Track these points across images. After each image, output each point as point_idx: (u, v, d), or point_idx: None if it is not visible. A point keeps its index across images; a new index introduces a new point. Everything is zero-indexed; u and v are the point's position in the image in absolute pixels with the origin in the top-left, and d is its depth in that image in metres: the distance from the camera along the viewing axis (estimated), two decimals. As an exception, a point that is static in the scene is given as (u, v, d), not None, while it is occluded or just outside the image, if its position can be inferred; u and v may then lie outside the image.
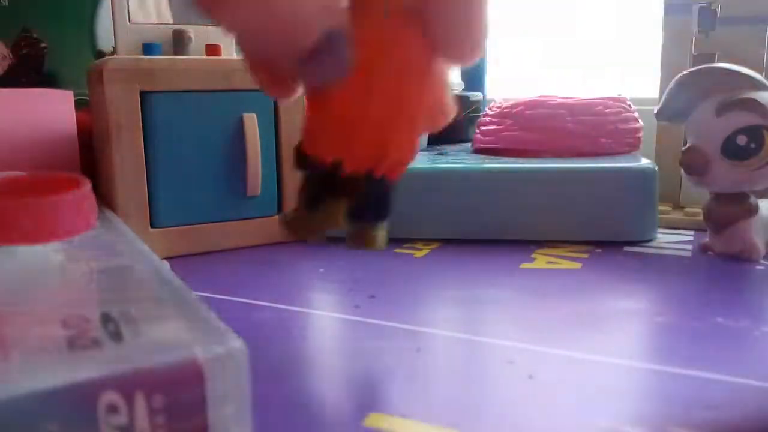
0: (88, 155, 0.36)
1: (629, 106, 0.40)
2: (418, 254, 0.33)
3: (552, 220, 0.35)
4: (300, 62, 0.18)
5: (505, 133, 0.40)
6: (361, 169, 0.21)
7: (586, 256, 0.33)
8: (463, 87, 0.53)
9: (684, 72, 0.32)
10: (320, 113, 0.21)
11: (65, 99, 0.34)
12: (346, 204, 0.22)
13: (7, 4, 0.38)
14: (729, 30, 0.40)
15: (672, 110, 0.33)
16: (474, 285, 0.28)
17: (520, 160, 0.37)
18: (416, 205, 0.36)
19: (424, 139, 0.44)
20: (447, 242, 0.36)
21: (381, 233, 0.23)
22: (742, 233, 0.31)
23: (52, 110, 0.33)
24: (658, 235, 0.36)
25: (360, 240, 0.23)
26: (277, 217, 0.36)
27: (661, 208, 0.38)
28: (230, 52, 0.37)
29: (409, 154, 0.21)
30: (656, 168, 0.35)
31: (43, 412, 0.11)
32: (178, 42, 0.35)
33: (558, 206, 0.35)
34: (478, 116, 0.45)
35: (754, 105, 0.29)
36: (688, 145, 0.32)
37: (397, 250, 0.34)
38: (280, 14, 0.17)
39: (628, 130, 0.39)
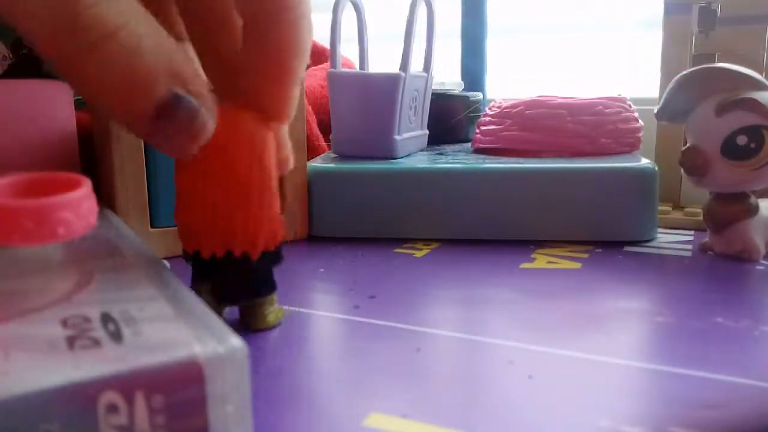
0: (88, 155, 0.36)
1: (629, 106, 0.40)
2: (418, 254, 0.33)
3: (552, 220, 0.35)
4: (149, 124, 0.17)
5: (505, 133, 0.40)
6: (218, 254, 0.22)
7: (586, 256, 0.33)
8: (463, 87, 0.53)
9: (684, 72, 0.32)
10: (176, 207, 0.23)
11: (64, 91, 0.34)
12: (209, 287, 0.23)
13: (7, 4, 0.38)
14: (729, 30, 0.40)
15: (672, 110, 0.33)
16: (474, 285, 0.28)
17: (520, 160, 0.37)
18: (416, 205, 0.36)
19: (424, 139, 0.44)
20: (447, 242, 0.36)
21: (269, 310, 0.24)
22: (742, 233, 0.31)
23: (50, 103, 0.33)
24: (658, 235, 0.36)
25: (247, 318, 0.24)
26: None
27: (661, 208, 0.38)
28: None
29: (261, 235, 0.22)
30: (656, 168, 0.35)
31: (43, 412, 0.11)
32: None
33: (558, 206, 0.35)
34: (478, 116, 0.45)
35: (754, 105, 0.29)
36: (688, 145, 0.32)
37: (397, 250, 0.34)
38: (117, 72, 0.16)
39: (628, 130, 0.39)
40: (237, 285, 0.23)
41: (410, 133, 0.41)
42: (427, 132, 0.44)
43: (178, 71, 0.17)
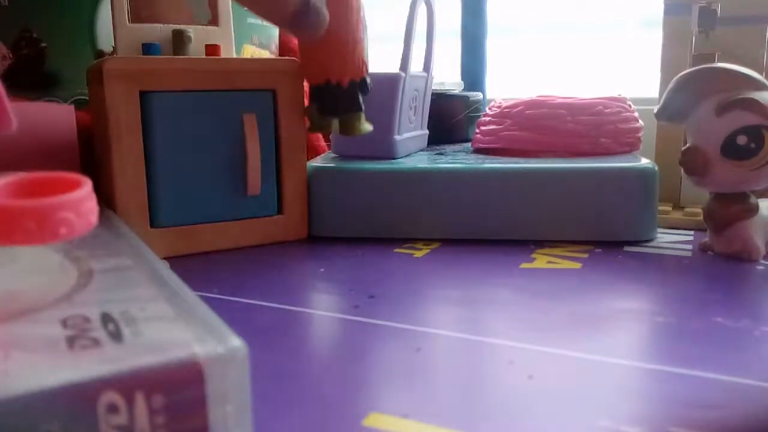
0: (88, 155, 0.36)
1: (629, 106, 0.40)
2: (418, 254, 0.33)
3: (552, 220, 0.35)
4: (287, 25, 0.29)
5: (505, 133, 0.40)
6: (320, 82, 0.33)
7: (586, 256, 0.33)
8: (463, 87, 0.53)
9: (684, 72, 0.32)
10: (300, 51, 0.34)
11: (66, 112, 0.34)
12: (317, 105, 0.34)
13: (7, 4, 0.38)
14: (729, 30, 0.40)
15: (672, 110, 0.33)
16: (474, 285, 0.28)
17: (520, 160, 0.37)
18: (416, 205, 0.36)
19: (424, 139, 0.44)
20: (447, 242, 0.36)
21: (359, 123, 0.34)
22: (742, 233, 0.31)
23: (53, 121, 0.33)
24: (658, 235, 0.36)
25: (344, 127, 0.34)
26: (276, 216, 0.36)
27: (661, 208, 0.38)
28: (230, 52, 0.37)
29: (347, 69, 0.33)
30: (656, 168, 0.35)
31: (43, 412, 0.11)
32: (178, 42, 0.35)
33: (558, 206, 0.35)
34: (478, 116, 0.45)
35: (754, 105, 0.29)
36: (688, 145, 0.32)
37: (397, 250, 0.34)
38: None
39: (628, 130, 0.39)
40: (334, 104, 0.34)
41: (410, 133, 0.41)
42: (427, 132, 0.45)
43: None
